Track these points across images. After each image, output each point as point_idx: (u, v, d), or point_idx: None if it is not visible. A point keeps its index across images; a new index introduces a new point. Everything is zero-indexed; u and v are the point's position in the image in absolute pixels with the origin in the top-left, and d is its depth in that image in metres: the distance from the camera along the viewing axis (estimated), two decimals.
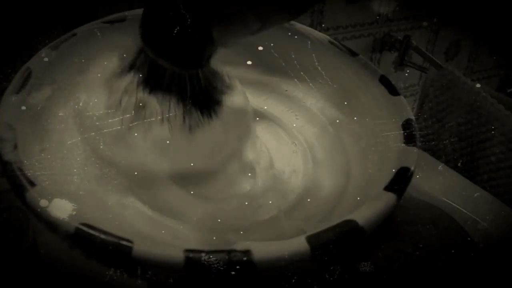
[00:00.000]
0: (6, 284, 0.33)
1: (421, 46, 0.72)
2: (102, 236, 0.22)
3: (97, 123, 0.31)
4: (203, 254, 0.22)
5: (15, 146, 0.27)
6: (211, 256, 0.22)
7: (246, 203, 0.32)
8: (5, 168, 0.26)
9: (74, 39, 0.35)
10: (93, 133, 0.31)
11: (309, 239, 0.23)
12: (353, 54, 0.38)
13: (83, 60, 0.35)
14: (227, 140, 0.34)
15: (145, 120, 0.30)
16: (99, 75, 0.33)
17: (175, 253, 0.22)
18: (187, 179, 0.32)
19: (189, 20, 0.27)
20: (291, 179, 0.36)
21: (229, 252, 0.22)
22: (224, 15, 0.27)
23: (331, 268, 0.26)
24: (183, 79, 0.30)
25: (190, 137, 0.31)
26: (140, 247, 0.22)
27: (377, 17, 0.70)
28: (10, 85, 0.30)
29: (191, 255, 0.22)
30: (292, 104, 0.43)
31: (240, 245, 0.23)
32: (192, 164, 0.31)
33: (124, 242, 0.22)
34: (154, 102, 0.30)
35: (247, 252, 0.22)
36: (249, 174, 0.35)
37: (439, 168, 0.49)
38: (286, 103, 0.43)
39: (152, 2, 0.28)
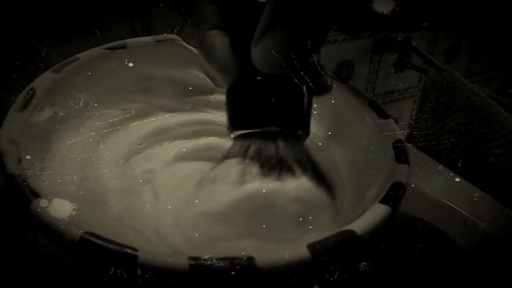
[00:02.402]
0: (6, 283, 0.33)
1: (421, 47, 0.73)
2: (107, 244, 0.23)
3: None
4: (207, 261, 0.23)
5: (19, 160, 0.27)
6: (214, 263, 0.23)
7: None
8: (10, 180, 0.26)
9: (76, 63, 0.36)
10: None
11: (310, 247, 0.24)
12: (343, 81, 0.39)
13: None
14: None
15: None
16: None
17: (179, 261, 0.22)
18: None
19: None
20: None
21: (233, 259, 0.23)
22: None
23: (331, 268, 0.26)
24: None
25: None
26: (145, 255, 0.22)
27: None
28: (14, 103, 0.32)
29: (194, 262, 0.22)
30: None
31: (243, 253, 0.23)
32: None
33: (129, 250, 0.22)
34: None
35: (250, 259, 0.23)
36: None
37: (438, 168, 0.50)
38: None
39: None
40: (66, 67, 0.35)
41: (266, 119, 0.29)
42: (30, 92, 0.32)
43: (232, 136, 0.30)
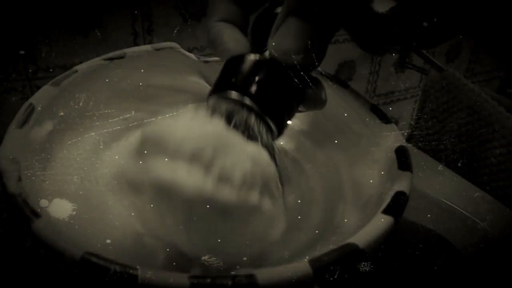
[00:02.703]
0: (6, 284, 0.33)
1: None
2: (108, 264, 0.23)
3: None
4: (207, 280, 0.22)
5: (19, 179, 0.27)
6: (216, 281, 0.22)
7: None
8: (10, 200, 0.26)
9: (75, 76, 0.36)
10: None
11: (312, 262, 0.24)
12: (344, 85, 0.39)
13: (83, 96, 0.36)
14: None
15: None
16: None
17: (180, 280, 0.22)
18: None
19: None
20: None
21: (234, 277, 0.23)
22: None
23: (331, 268, 0.26)
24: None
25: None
26: (145, 274, 0.22)
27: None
28: (14, 120, 0.31)
29: (195, 281, 0.22)
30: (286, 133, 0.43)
31: (244, 270, 0.23)
32: None
33: (130, 270, 0.23)
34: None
35: (251, 277, 0.23)
36: None
37: (438, 168, 0.50)
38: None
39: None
40: (65, 80, 0.35)
41: (247, 90, 0.28)
42: (29, 107, 0.32)
43: (208, 100, 0.30)
